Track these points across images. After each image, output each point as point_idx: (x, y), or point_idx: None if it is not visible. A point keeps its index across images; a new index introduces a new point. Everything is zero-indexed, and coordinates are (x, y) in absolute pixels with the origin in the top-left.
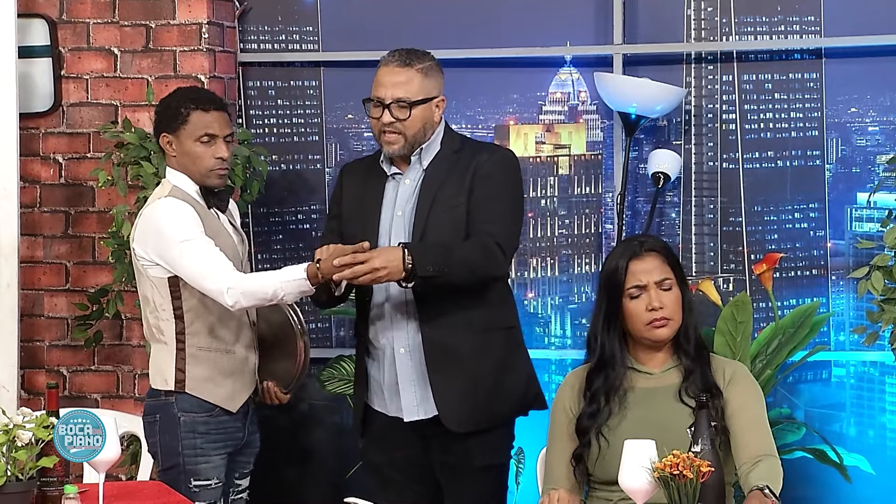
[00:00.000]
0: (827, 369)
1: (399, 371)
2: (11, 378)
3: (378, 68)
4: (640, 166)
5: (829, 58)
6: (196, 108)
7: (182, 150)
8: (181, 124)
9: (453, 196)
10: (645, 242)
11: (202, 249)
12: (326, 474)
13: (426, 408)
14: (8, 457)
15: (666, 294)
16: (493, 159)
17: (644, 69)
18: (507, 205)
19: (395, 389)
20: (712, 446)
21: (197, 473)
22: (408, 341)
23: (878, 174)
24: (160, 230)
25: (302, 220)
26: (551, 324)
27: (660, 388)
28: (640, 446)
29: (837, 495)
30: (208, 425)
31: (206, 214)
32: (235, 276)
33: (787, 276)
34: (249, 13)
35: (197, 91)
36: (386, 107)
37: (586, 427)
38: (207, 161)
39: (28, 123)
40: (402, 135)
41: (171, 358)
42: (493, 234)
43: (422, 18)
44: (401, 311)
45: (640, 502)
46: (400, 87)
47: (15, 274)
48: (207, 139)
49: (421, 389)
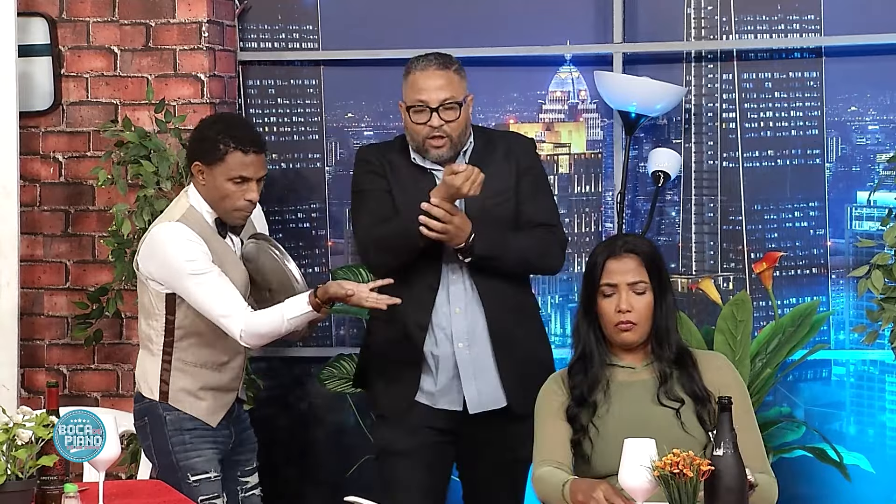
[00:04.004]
0: (827, 368)
1: (460, 364)
2: (11, 377)
3: (412, 74)
4: (640, 165)
5: (829, 56)
6: (236, 149)
7: (213, 184)
8: (217, 161)
9: (500, 187)
10: (627, 243)
11: (214, 285)
12: (326, 474)
13: (488, 398)
14: (8, 455)
15: (637, 298)
16: (525, 150)
17: (644, 68)
18: (552, 198)
19: (452, 384)
20: (735, 450)
21: (193, 468)
22: (467, 333)
23: (878, 173)
24: (166, 259)
25: (302, 219)
26: (551, 323)
27: (640, 381)
28: (639, 445)
29: (837, 494)
30: (195, 422)
31: (215, 239)
32: (248, 318)
33: (787, 274)
34: (249, 12)
35: (239, 126)
36: (434, 110)
37: (576, 414)
38: (236, 202)
39: (28, 122)
40: (449, 138)
41: (156, 368)
42: (553, 228)
43: (422, 17)
44: (460, 304)
45: (640, 501)
46: (444, 89)
47: (15, 273)
48: (241, 181)
49: (482, 380)
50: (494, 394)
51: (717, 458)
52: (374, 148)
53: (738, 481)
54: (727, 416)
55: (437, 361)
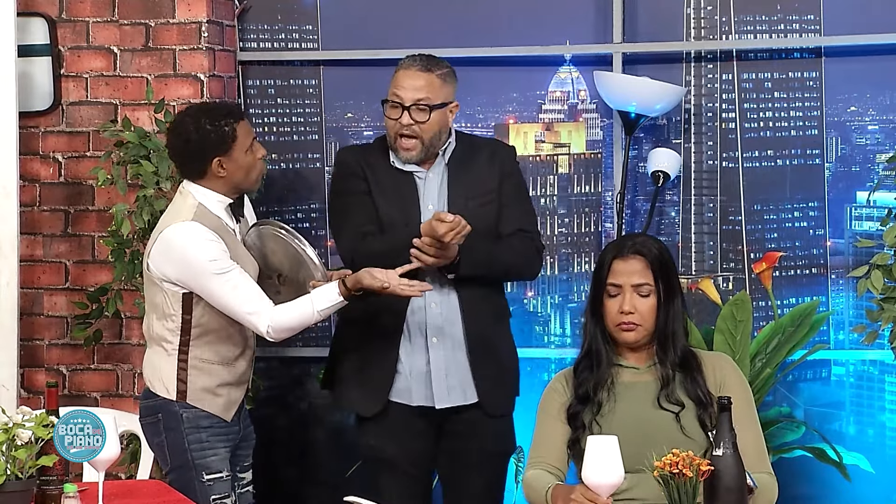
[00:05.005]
0: (826, 368)
1: (432, 360)
2: (11, 377)
3: (397, 71)
4: (639, 165)
5: (829, 56)
6: (236, 121)
7: (236, 165)
8: (232, 141)
9: (484, 189)
10: (635, 244)
11: (238, 283)
12: (326, 474)
13: (457, 395)
14: (8, 455)
15: (641, 300)
16: (509, 156)
17: (644, 68)
18: (531, 204)
19: (424, 378)
20: (734, 450)
21: (208, 467)
22: (442, 330)
23: (878, 173)
24: (186, 260)
25: (302, 219)
26: (551, 322)
27: (644, 383)
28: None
29: (837, 494)
30: (211, 419)
31: (227, 234)
32: (274, 314)
33: (786, 274)
34: (249, 12)
35: (215, 106)
36: (406, 108)
37: (577, 412)
38: (258, 165)
39: (28, 122)
40: (420, 139)
41: (171, 367)
42: (531, 234)
43: (422, 17)
44: (435, 300)
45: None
46: (421, 90)
47: (15, 273)
48: (251, 145)
49: (453, 377)
50: (464, 390)
51: (716, 458)
52: (353, 150)
53: (738, 481)
54: (727, 416)
55: (410, 356)
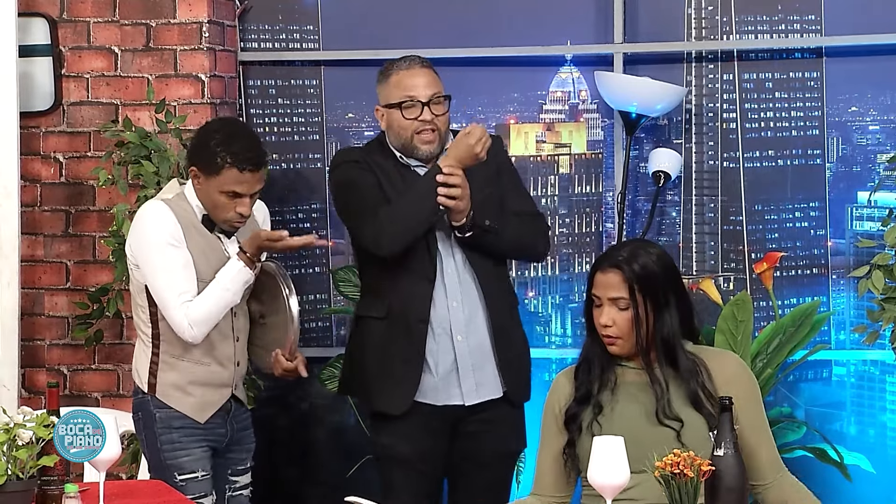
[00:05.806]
0: (827, 368)
1: (459, 357)
2: (12, 377)
3: (395, 74)
4: (640, 165)
5: (830, 57)
6: (232, 166)
7: (207, 192)
8: (213, 173)
9: (485, 183)
10: (615, 258)
11: (175, 269)
12: (326, 474)
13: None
14: (8, 456)
15: (620, 313)
16: (500, 146)
17: (644, 68)
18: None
19: (452, 377)
20: (735, 450)
21: (180, 467)
22: (467, 327)
23: (879, 173)
24: (139, 231)
25: (302, 220)
26: (552, 322)
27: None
28: (609, 442)
29: (838, 494)
30: (184, 420)
31: (194, 229)
32: (191, 306)
33: (787, 274)
34: (250, 12)
35: (240, 138)
36: (425, 105)
37: (575, 413)
38: (228, 213)
39: (28, 122)
40: (438, 132)
41: (146, 360)
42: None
43: (422, 17)
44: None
45: (609, 498)
46: (431, 85)
47: (15, 273)
48: (234, 195)
49: (480, 372)
50: (492, 384)
51: (717, 458)
52: (355, 150)
53: (739, 481)
54: (728, 416)
55: (436, 356)
